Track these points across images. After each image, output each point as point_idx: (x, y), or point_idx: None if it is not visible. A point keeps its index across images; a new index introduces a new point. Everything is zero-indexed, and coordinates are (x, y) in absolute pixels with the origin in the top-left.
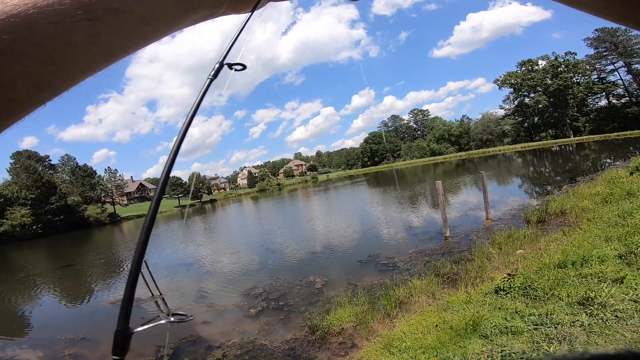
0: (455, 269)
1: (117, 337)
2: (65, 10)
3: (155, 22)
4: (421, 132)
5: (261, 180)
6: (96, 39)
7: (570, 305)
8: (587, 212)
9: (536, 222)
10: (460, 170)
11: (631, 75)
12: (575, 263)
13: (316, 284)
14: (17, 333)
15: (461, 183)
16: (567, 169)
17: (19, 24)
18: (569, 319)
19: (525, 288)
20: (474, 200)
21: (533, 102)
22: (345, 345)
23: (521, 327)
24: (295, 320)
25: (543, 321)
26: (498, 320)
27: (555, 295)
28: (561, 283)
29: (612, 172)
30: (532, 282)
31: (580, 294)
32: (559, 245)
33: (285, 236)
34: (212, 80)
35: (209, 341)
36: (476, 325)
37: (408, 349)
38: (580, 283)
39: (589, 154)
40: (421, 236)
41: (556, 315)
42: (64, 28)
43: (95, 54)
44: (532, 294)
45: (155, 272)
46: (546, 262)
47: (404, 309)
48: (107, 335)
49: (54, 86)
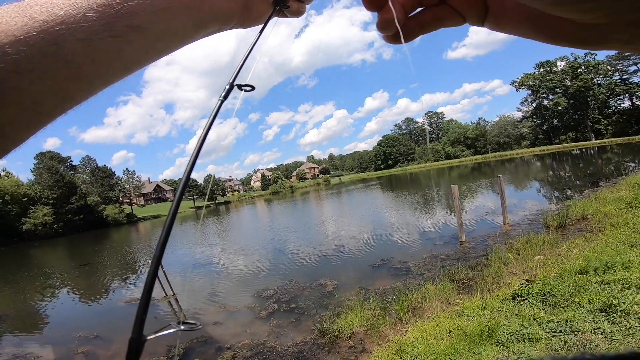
0: (471, 275)
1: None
2: (90, 27)
3: (170, 37)
4: (436, 134)
5: (274, 183)
6: (118, 54)
7: (591, 312)
8: (611, 217)
9: (556, 228)
10: (476, 174)
11: None
12: (598, 269)
13: (327, 287)
14: (33, 329)
15: (477, 187)
16: (589, 172)
17: (48, 40)
18: (589, 326)
19: (544, 294)
20: (490, 204)
21: (552, 104)
22: (355, 350)
23: (539, 334)
24: (305, 323)
25: (562, 328)
26: (515, 326)
27: (576, 302)
28: (582, 289)
29: (637, 176)
30: (552, 288)
31: (602, 300)
32: (581, 251)
33: (297, 239)
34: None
35: (219, 342)
36: (492, 331)
37: (420, 355)
38: (603, 290)
39: (611, 157)
40: (436, 241)
41: (576, 322)
42: (90, 45)
43: (116, 69)
44: (552, 300)
45: (170, 273)
46: (567, 268)
47: (416, 314)
48: (120, 334)
49: (77, 98)
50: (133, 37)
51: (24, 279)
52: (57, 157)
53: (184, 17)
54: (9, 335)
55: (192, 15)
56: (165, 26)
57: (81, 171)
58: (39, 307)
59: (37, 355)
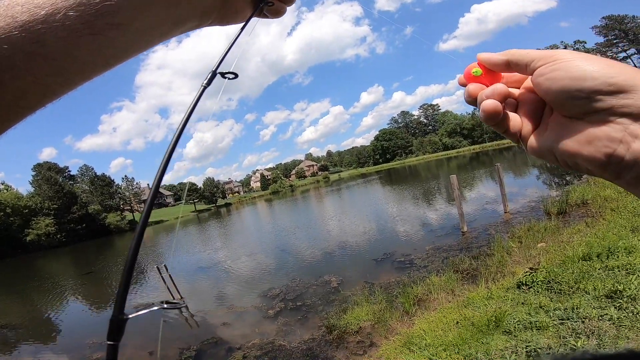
0: (474, 265)
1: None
2: (70, 25)
3: (150, 33)
4: (432, 127)
5: (274, 183)
6: (98, 51)
7: (597, 298)
8: (610, 201)
9: (557, 214)
10: (475, 164)
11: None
12: (601, 255)
13: (332, 284)
14: (47, 338)
15: (476, 177)
16: None
17: (30, 38)
18: (596, 313)
19: (549, 282)
20: (491, 193)
21: None
22: (363, 344)
23: (546, 322)
24: (312, 320)
25: (569, 315)
26: (522, 315)
27: (581, 288)
28: (586, 276)
29: None
30: (556, 275)
31: (607, 287)
32: (582, 237)
33: (300, 237)
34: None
35: (229, 343)
36: (499, 321)
37: (429, 347)
38: (607, 276)
39: None
40: (438, 232)
41: (583, 309)
42: (71, 42)
43: (97, 65)
44: (557, 288)
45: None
46: (570, 255)
47: (422, 306)
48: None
49: (58, 92)
50: (113, 34)
51: (32, 289)
52: (55, 168)
53: (163, 14)
54: (25, 344)
55: (171, 12)
56: (145, 23)
57: (80, 180)
58: (49, 316)
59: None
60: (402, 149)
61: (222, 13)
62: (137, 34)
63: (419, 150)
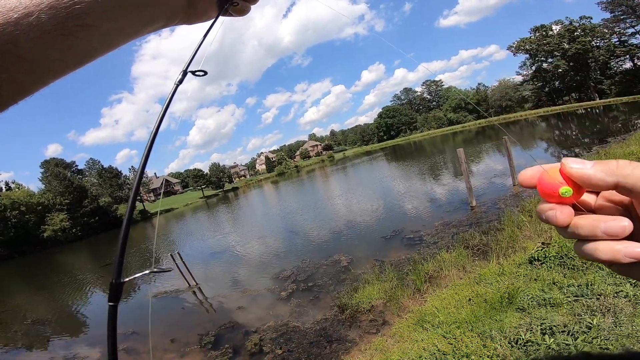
0: (485, 240)
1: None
2: (42, 27)
3: (118, 33)
4: (436, 102)
5: (279, 164)
6: (70, 50)
7: (611, 274)
8: None
9: None
10: (481, 138)
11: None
12: None
13: (342, 263)
14: (77, 331)
15: (483, 150)
16: (595, 130)
17: (5, 39)
18: (611, 290)
19: (562, 257)
20: (498, 166)
21: (552, 67)
22: (376, 323)
23: (560, 299)
24: (324, 300)
25: (583, 292)
26: (535, 292)
27: (595, 264)
28: None
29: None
30: (569, 251)
31: None
32: None
33: (308, 217)
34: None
35: (245, 326)
36: (512, 297)
37: (442, 324)
38: None
39: (618, 115)
40: (446, 207)
41: (597, 285)
42: (43, 43)
43: (68, 63)
44: (570, 263)
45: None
46: None
47: (434, 283)
48: (154, 326)
49: (31, 89)
50: (83, 35)
51: (55, 284)
52: (63, 164)
53: (130, 15)
54: (56, 338)
55: (139, 14)
56: (114, 24)
57: (88, 174)
58: (75, 309)
59: (84, 355)
60: (407, 125)
61: (188, 13)
62: (106, 34)
63: (423, 126)
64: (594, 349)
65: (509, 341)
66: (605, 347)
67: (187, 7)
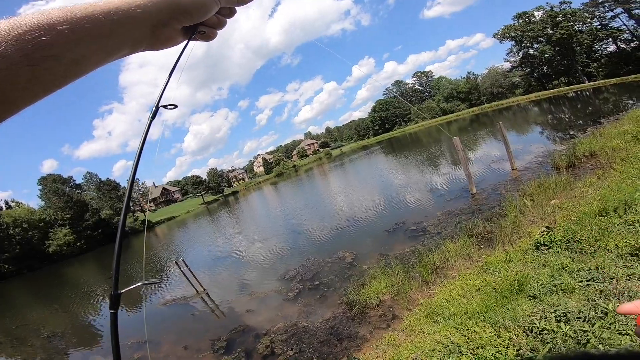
0: (488, 227)
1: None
2: (10, 58)
3: (84, 62)
4: (428, 93)
5: (277, 165)
6: (37, 80)
7: (621, 257)
8: (619, 151)
9: (566, 168)
10: (476, 125)
11: (634, 20)
12: (618, 209)
13: (346, 259)
14: (92, 342)
15: (479, 137)
16: (588, 112)
17: None
18: (623, 272)
19: (568, 241)
20: (495, 152)
21: (538, 52)
22: (385, 318)
23: (571, 284)
24: (331, 298)
25: (594, 276)
26: (545, 278)
27: (602, 246)
28: (606, 233)
29: (638, 110)
30: (574, 234)
31: (630, 243)
32: (596, 191)
33: (309, 216)
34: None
35: (256, 329)
36: (522, 285)
37: (453, 316)
38: (628, 231)
39: (608, 97)
40: (447, 196)
41: (608, 268)
42: (11, 73)
43: (36, 92)
44: (577, 247)
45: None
46: (585, 211)
47: (441, 274)
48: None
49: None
50: (49, 65)
51: (66, 297)
52: (60, 179)
53: (95, 46)
54: (73, 350)
55: (102, 44)
56: (79, 54)
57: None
58: (88, 321)
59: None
60: (401, 117)
61: (152, 42)
62: (72, 64)
63: (417, 117)
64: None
65: (523, 330)
66: (624, 332)
67: (151, 36)
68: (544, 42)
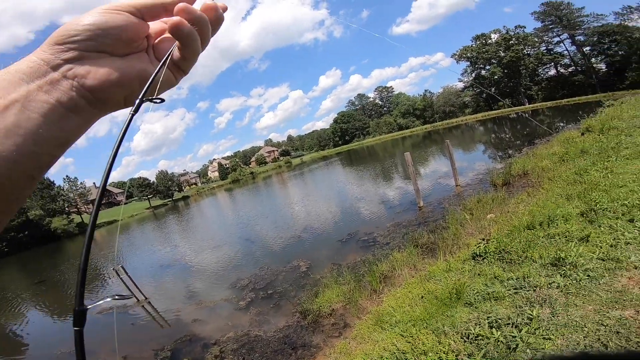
0: (432, 238)
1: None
2: None
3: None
4: (387, 108)
5: (233, 171)
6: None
7: (544, 266)
8: (547, 171)
9: (502, 185)
10: (428, 142)
11: (575, 46)
12: (543, 223)
13: (301, 268)
14: (16, 352)
15: (429, 153)
16: (525, 133)
17: None
18: (545, 281)
19: (500, 252)
20: (443, 168)
21: (489, 73)
22: (338, 326)
23: (502, 292)
24: (285, 307)
25: (521, 285)
26: (479, 286)
27: (529, 257)
28: (532, 245)
29: (565, 133)
30: (506, 245)
31: (551, 254)
32: (526, 207)
33: (264, 225)
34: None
35: (204, 339)
36: (459, 293)
37: (399, 323)
38: (550, 243)
39: (543, 119)
40: (397, 209)
41: (532, 278)
42: None
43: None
44: (507, 257)
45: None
46: (516, 225)
47: (389, 283)
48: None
49: None
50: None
51: None
52: None
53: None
54: None
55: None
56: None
57: None
58: (12, 329)
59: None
60: (360, 130)
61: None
62: (29, 178)
63: (375, 131)
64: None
65: (461, 336)
66: (547, 337)
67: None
68: (495, 64)
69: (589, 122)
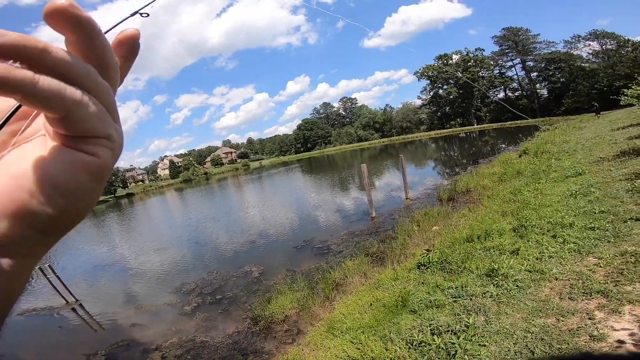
0: (382, 248)
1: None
2: None
3: None
4: (349, 119)
5: (185, 170)
6: None
7: (480, 277)
8: (487, 189)
9: (447, 200)
10: (384, 155)
11: (525, 71)
12: (480, 237)
13: (253, 274)
14: None
15: (384, 166)
16: (472, 152)
17: None
18: (480, 291)
19: (442, 262)
20: (396, 181)
21: (445, 93)
22: (291, 333)
23: (443, 300)
24: (235, 313)
25: (460, 294)
26: (422, 294)
27: (467, 268)
28: (470, 256)
29: (505, 154)
30: (447, 256)
31: (486, 266)
32: (466, 221)
33: (216, 228)
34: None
35: (144, 344)
36: (405, 300)
37: (349, 330)
38: (485, 256)
39: (488, 139)
40: (351, 218)
41: (469, 287)
42: None
43: None
44: (448, 267)
45: (69, 278)
46: (457, 237)
47: (341, 290)
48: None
49: None
50: None
51: None
52: None
53: None
54: None
55: None
56: None
57: None
58: None
59: None
60: (322, 138)
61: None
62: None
63: (336, 141)
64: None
65: (406, 342)
66: (482, 344)
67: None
68: (453, 84)
69: (526, 145)
